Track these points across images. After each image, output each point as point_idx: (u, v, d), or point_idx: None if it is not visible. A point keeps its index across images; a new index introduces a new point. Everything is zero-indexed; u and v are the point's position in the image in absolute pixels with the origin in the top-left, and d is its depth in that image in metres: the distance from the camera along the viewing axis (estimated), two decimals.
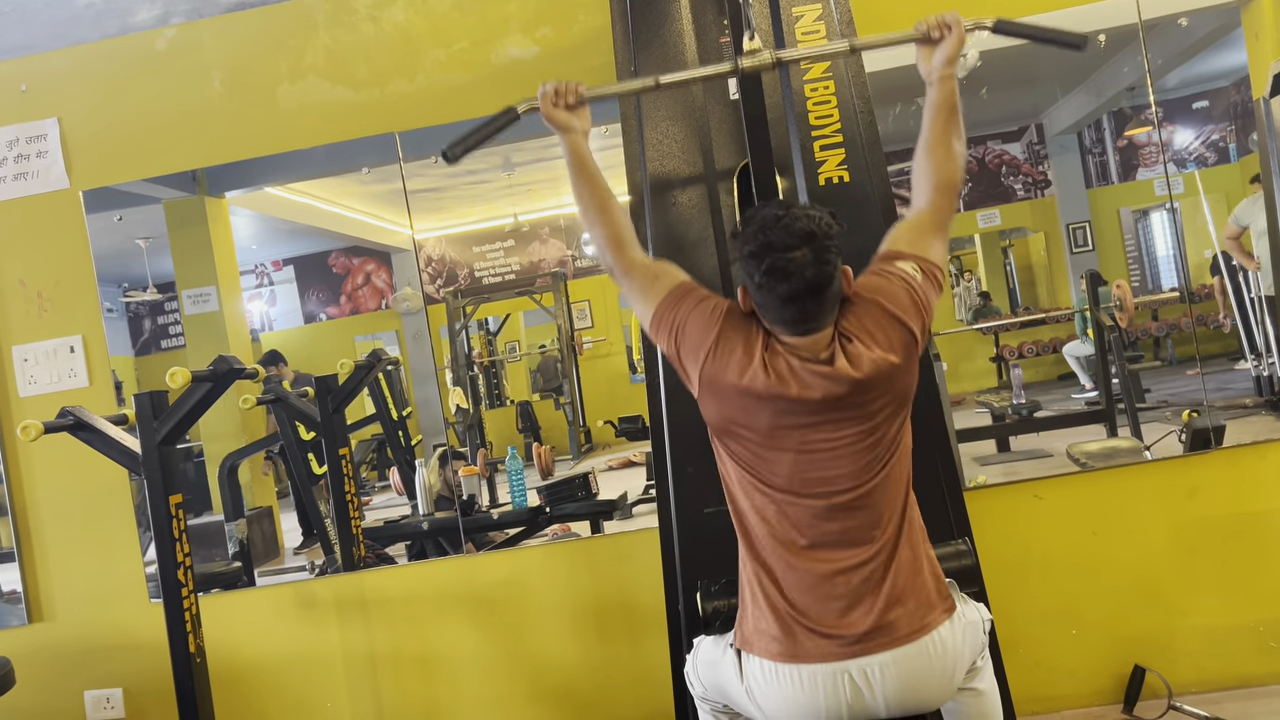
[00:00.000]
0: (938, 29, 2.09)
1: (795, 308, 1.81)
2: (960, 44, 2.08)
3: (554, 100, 2.12)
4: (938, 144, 2.06)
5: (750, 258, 1.82)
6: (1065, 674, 3.08)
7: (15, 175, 3.38)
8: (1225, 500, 3.06)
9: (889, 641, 1.82)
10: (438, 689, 3.30)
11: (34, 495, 3.40)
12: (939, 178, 2.04)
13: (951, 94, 2.08)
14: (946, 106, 2.08)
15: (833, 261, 1.81)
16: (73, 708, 3.39)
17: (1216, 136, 3.70)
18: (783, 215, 1.81)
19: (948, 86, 2.09)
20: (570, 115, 2.13)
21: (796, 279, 1.78)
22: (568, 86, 2.12)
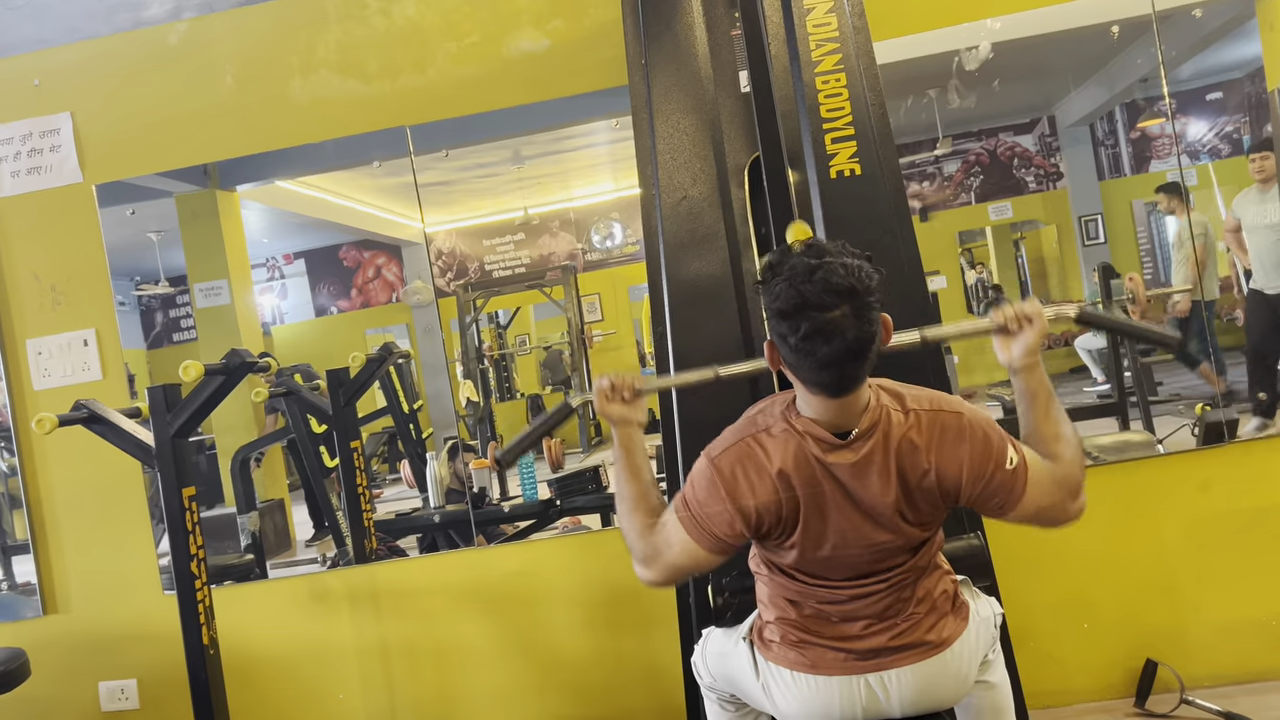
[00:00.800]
0: (1016, 322, 1.86)
1: (833, 372, 1.67)
2: (1041, 336, 1.85)
3: (609, 395, 1.97)
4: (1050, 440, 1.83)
5: (782, 317, 1.66)
6: (1077, 667, 3.08)
7: (29, 169, 3.40)
8: (1239, 494, 3.05)
9: (907, 658, 1.82)
10: (449, 680, 3.31)
11: (49, 488, 3.43)
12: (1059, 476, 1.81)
13: (1041, 383, 1.85)
14: (1044, 394, 1.85)
15: (875, 319, 1.66)
16: (87, 699, 3.42)
17: (1230, 128, 3.67)
18: (817, 267, 1.64)
19: (1035, 377, 1.86)
20: (626, 409, 1.98)
21: (838, 341, 1.63)
22: (624, 381, 1.98)
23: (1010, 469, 1.75)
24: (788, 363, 1.72)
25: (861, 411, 1.74)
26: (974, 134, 3.77)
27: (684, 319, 2.52)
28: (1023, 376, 1.86)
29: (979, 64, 3.14)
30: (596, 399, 1.98)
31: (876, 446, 1.73)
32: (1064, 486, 1.80)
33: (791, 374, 1.74)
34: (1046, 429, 1.84)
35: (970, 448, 1.74)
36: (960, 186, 3.80)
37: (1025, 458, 1.77)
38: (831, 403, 1.72)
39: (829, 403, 1.72)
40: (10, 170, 3.40)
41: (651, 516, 1.89)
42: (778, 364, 1.76)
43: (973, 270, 4.28)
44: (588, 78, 3.18)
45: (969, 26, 3.12)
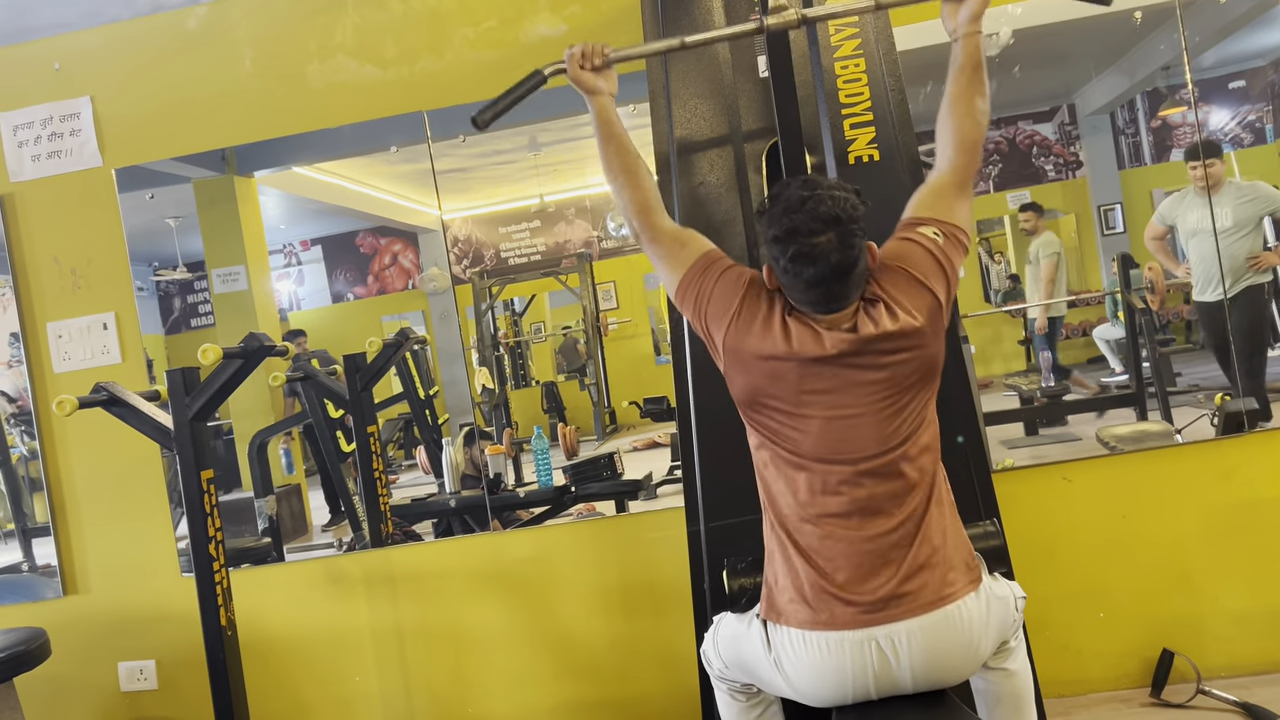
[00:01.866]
0: None
1: (820, 290, 1.83)
2: (986, 1, 2.05)
3: (580, 62, 2.13)
4: (959, 101, 2.03)
5: (775, 242, 1.84)
6: (1093, 656, 3.07)
7: (49, 153, 3.42)
8: (1259, 484, 3.03)
9: (913, 608, 1.84)
10: (464, 664, 3.33)
11: (69, 470, 3.45)
12: (959, 135, 2.02)
13: (975, 51, 2.04)
14: (970, 64, 2.04)
15: (858, 245, 1.82)
16: (106, 679, 3.45)
17: (1253, 117, 3.65)
18: (807, 197, 1.81)
19: (972, 43, 2.05)
20: (597, 77, 2.14)
21: (822, 264, 1.79)
22: (594, 48, 2.12)
23: (943, 240, 1.94)
24: (782, 283, 1.89)
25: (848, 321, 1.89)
26: (993, 122, 3.74)
27: None
28: (963, 43, 2.05)
29: (999, 50, 3.12)
30: (569, 65, 2.13)
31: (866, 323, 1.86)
32: (967, 171, 2.03)
33: (787, 294, 1.90)
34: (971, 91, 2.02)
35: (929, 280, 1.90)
36: (979, 174, 3.78)
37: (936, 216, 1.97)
38: (823, 319, 1.87)
39: (820, 319, 1.88)
40: (31, 154, 3.42)
41: (641, 193, 2.08)
42: (775, 284, 1.92)
43: (992, 260, 4.26)
44: None
45: (990, 12, 3.05)
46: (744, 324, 1.91)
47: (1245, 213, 3.44)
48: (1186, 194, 3.49)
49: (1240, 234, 3.44)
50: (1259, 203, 3.44)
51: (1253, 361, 3.39)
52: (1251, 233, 3.46)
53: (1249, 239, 3.46)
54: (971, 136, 2.02)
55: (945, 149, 2.04)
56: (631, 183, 2.08)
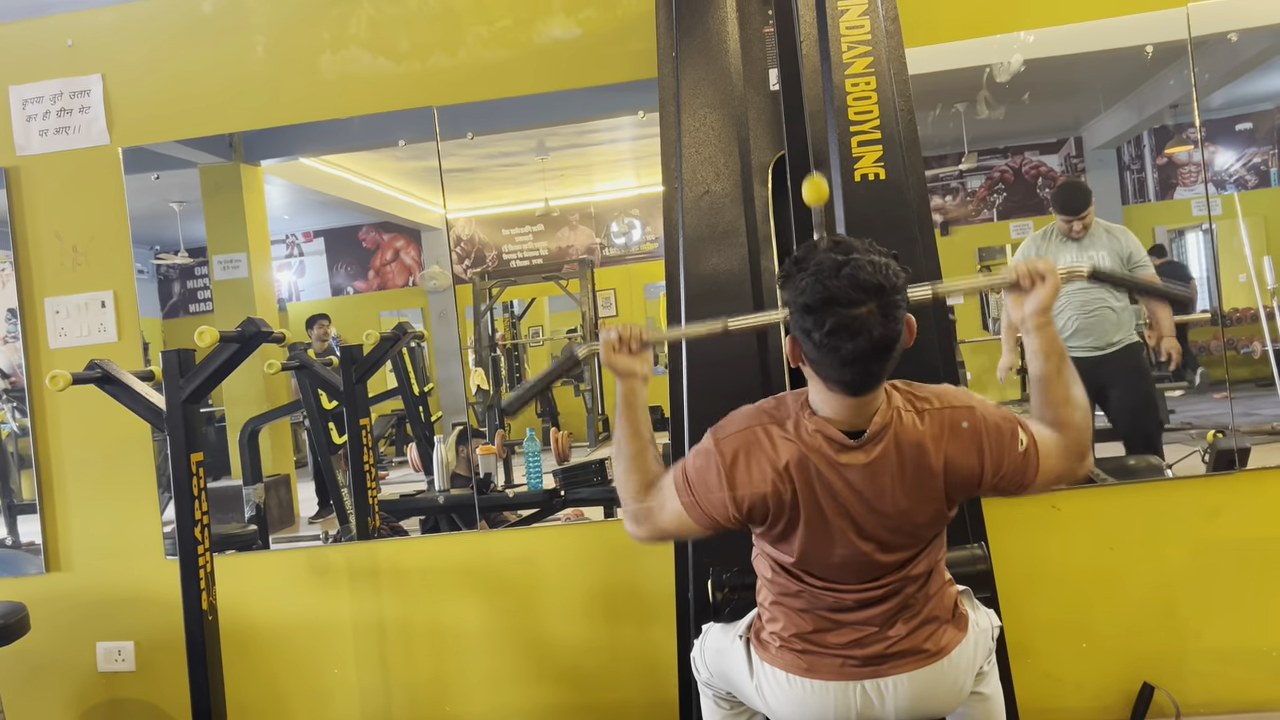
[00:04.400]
0: (1029, 278, 1.85)
1: (858, 369, 1.66)
2: (1054, 293, 1.83)
3: (616, 346, 1.96)
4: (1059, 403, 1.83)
5: (806, 312, 1.66)
6: (1073, 686, 3.06)
7: (57, 129, 3.42)
8: (1246, 523, 3.03)
9: (904, 665, 1.83)
10: (444, 661, 3.32)
11: (58, 447, 3.44)
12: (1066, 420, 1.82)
13: (1054, 342, 1.84)
14: (1055, 354, 1.84)
15: (900, 318, 1.66)
16: (84, 658, 3.43)
17: (1259, 159, 3.66)
18: (844, 262, 1.64)
19: (1047, 335, 1.84)
20: (632, 361, 1.96)
21: (864, 339, 1.62)
22: (631, 333, 1.96)
23: (1022, 451, 1.76)
24: (809, 359, 1.71)
25: (874, 413, 1.74)
26: (1000, 151, 3.77)
27: (700, 313, 2.51)
28: (1035, 336, 1.84)
29: (1010, 76, 3.13)
30: (603, 350, 1.96)
31: (889, 448, 1.73)
32: (1073, 452, 1.82)
33: (812, 370, 1.73)
34: (1058, 391, 1.83)
35: (984, 439, 1.75)
36: (983, 202, 3.79)
37: (1034, 437, 1.79)
38: (849, 401, 1.72)
39: (846, 401, 1.72)
40: (39, 129, 3.42)
41: (647, 475, 1.91)
42: (798, 360, 1.75)
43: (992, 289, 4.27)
44: (616, 69, 3.18)
45: (1002, 39, 3.11)
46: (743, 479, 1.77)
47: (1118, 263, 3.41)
48: (1051, 232, 3.48)
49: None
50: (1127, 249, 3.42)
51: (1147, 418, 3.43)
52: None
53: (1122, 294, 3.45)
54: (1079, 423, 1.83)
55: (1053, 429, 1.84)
56: (638, 467, 1.92)
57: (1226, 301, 3.53)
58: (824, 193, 2.10)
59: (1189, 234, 3.88)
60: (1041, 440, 1.79)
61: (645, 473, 1.91)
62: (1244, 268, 3.54)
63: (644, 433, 1.94)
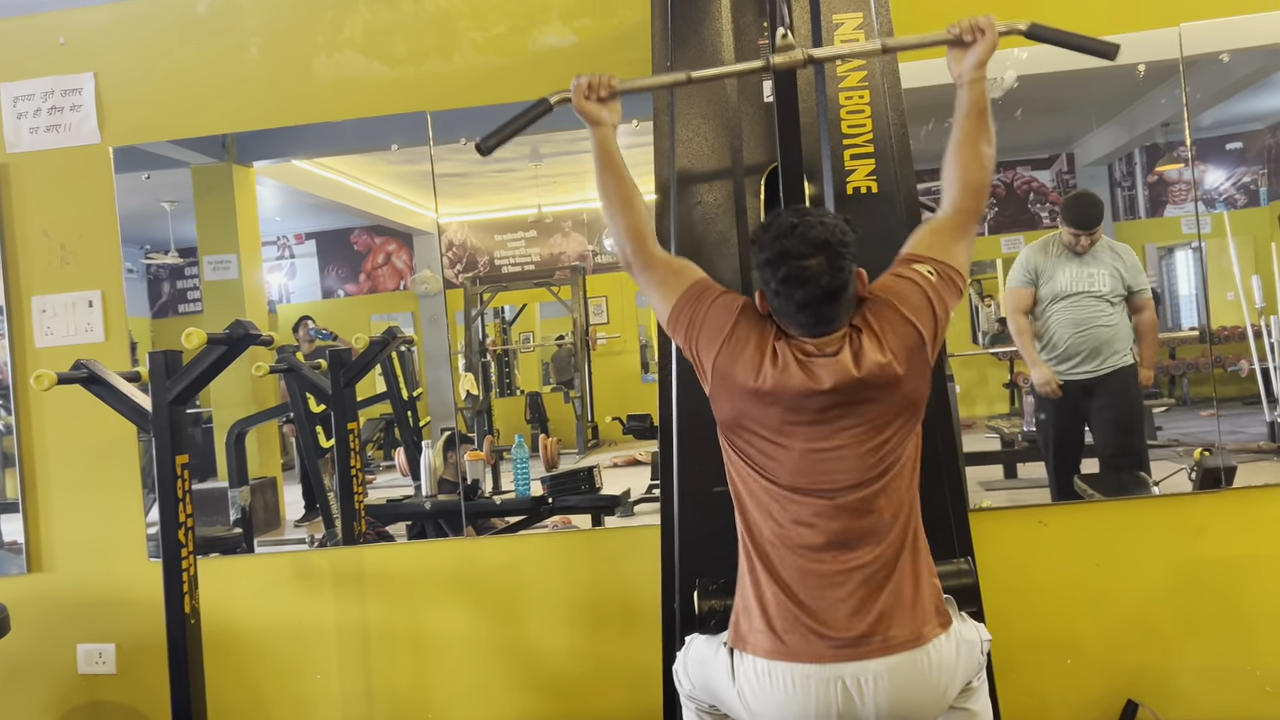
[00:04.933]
0: (970, 32, 2.07)
1: (810, 313, 1.87)
2: (992, 48, 2.07)
3: (586, 93, 2.13)
4: (965, 146, 2.05)
5: (766, 265, 1.88)
6: (1057, 702, 3.07)
7: (48, 126, 3.40)
8: (1231, 541, 3.04)
9: (882, 648, 1.83)
10: (427, 669, 3.30)
11: (42, 447, 3.42)
12: (964, 179, 2.04)
13: (981, 96, 2.07)
14: (976, 109, 2.06)
15: (846, 269, 1.86)
16: (65, 660, 3.41)
17: (1248, 179, 3.68)
18: (798, 223, 1.86)
19: (977, 89, 2.07)
20: (601, 108, 2.14)
21: (812, 286, 1.84)
22: (600, 80, 2.13)
23: (934, 280, 1.95)
24: (772, 308, 1.93)
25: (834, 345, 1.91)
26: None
27: None
28: (969, 89, 2.07)
29: (1003, 92, 3.14)
30: (574, 95, 2.14)
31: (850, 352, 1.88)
32: (971, 214, 2.05)
33: (777, 318, 1.93)
34: (977, 136, 2.04)
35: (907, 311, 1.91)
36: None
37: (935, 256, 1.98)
38: (812, 341, 1.90)
39: (807, 343, 1.90)
40: (29, 126, 3.41)
41: (638, 220, 2.10)
42: (766, 310, 1.95)
43: (982, 302, 4.28)
44: None
45: (996, 55, 3.08)
46: (735, 349, 1.92)
47: (1118, 284, 3.37)
48: (1053, 244, 3.44)
49: (1111, 305, 3.38)
50: (1131, 272, 3.37)
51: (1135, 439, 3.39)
52: (1120, 306, 3.40)
53: (1120, 311, 3.39)
54: (976, 180, 2.04)
55: (949, 191, 2.06)
56: (626, 209, 2.10)
57: (1214, 320, 3.54)
58: None
59: (1178, 252, 3.89)
60: (941, 240, 2.01)
61: (635, 216, 2.10)
62: (1232, 286, 3.56)
63: (626, 176, 2.13)
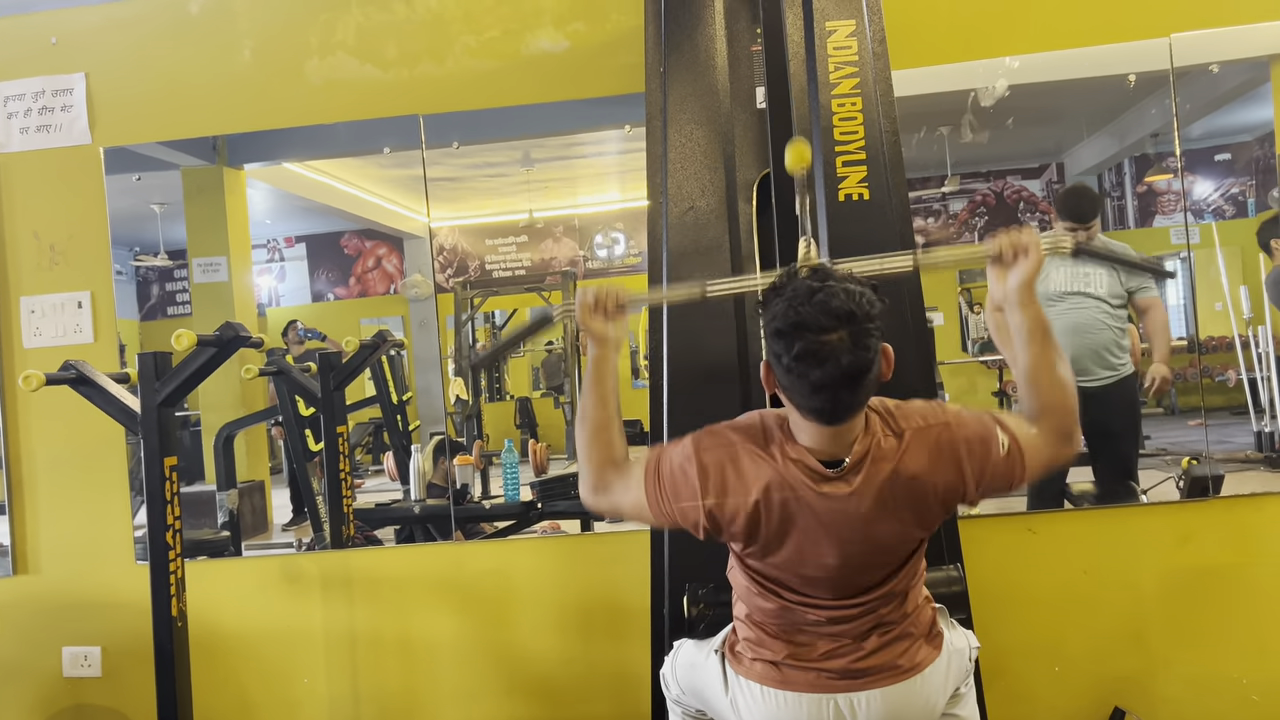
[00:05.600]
0: (1011, 250, 1.83)
1: (826, 396, 1.64)
2: (1037, 268, 1.81)
3: (592, 309, 1.92)
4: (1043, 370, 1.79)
5: (778, 336, 1.65)
6: (1045, 709, 3.07)
7: (38, 127, 3.39)
8: (1219, 549, 3.06)
9: (878, 680, 1.83)
10: (415, 673, 3.29)
11: (30, 448, 3.40)
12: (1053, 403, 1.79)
13: (1040, 317, 1.81)
14: (1040, 331, 1.80)
15: (873, 347, 1.64)
16: (50, 663, 3.38)
17: (1236, 190, 3.70)
18: (818, 289, 1.63)
19: (1032, 312, 1.81)
20: (607, 325, 1.93)
21: (831, 365, 1.61)
22: (608, 294, 1.92)
23: (1004, 455, 1.74)
24: (781, 385, 1.70)
25: (853, 440, 1.72)
26: (982, 174, 3.79)
27: (681, 329, 2.51)
28: (1020, 313, 1.81)
29: (994, 101, 3.16)
30: (579, 311, 1.92)
31: (870, 476, 1.71)
32: (1059, 437, 1.78)
33: (785, 398, 1.72)
34: (1043, 374, 1.79)
35: (963, 455, 1.74)
36: (964, 225, 3.82)
37: (1015, 436, 1.76)
38: (825, 430, 1.70)
39: (822, 430, 1.70)
40: (20, 126, 3.39)
41: (612, 450, 1.89)
42: (772, 386, 1.74)
43: (972, 311, 4.29)
44: (604, 82, 3.18)
45: (987, 64, 3.14)
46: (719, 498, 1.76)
47: (1116, 284, 3.25)
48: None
49: (1112, 307, 3.27)
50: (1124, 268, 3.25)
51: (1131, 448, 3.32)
52: (1121, 308, 3.29)
53: (1122, 315, 3.28)
54: (1065, 404, 1.79)
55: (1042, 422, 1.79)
56: (602, 439, 1.89)
57: (1202, 329, 3.56)
58: (806, 158, 2.02)
59: (1167, 262, 3.91)
60: (1023, 435, 1.76)
61: (610, 446, 1.89)
62: (1220, 296, 3.58)
63: (611, 403, 1.91)
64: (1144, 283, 3.27)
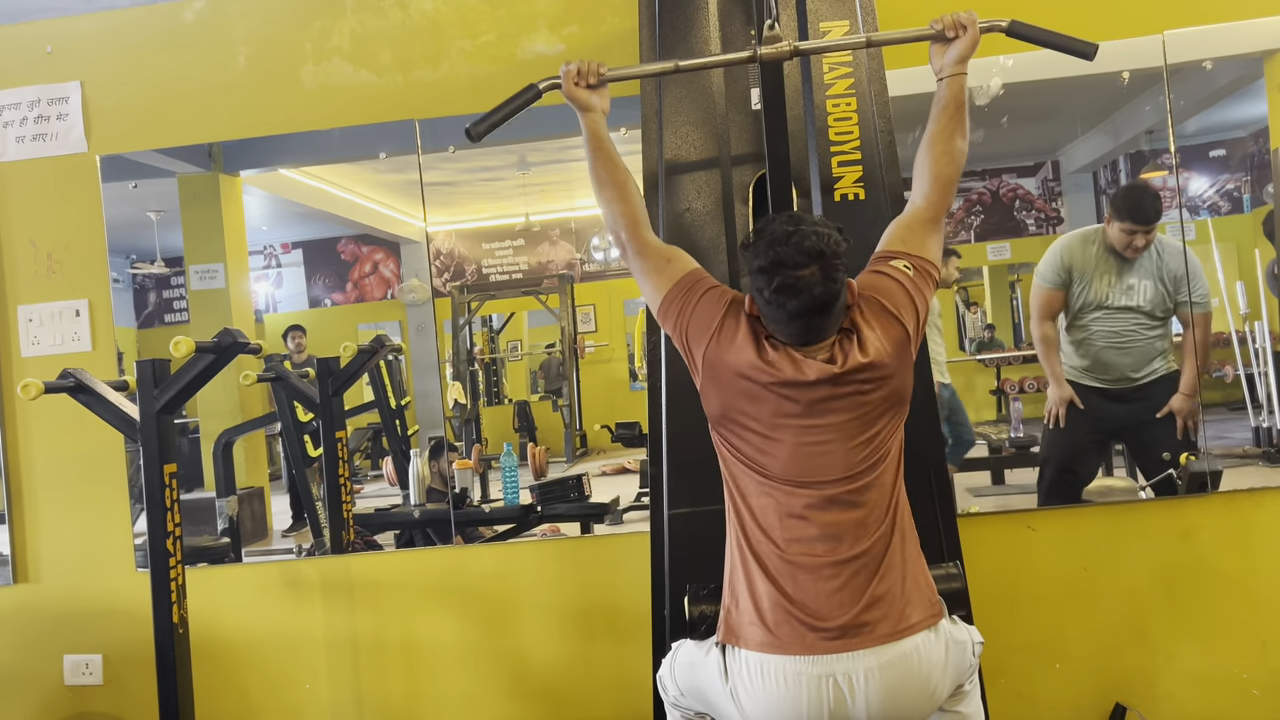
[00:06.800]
0: (953, 28, 2.13)
1: (802, 323, 1.87)
2: (974, 44, 2.12)
3: (575, 79, 2.18)
4: (939, 139, 2.11)
5: (759, 273, 1.88)
6: (1046, 707, 3.08)
7: (34, 135, 3.39)
8: (1218, 544, 3.06)
9: (870, 639, 1.85)
10: (417, 678, 3.29)
11: (29, 456, 3.40)
12: (935, 172, 2.09)
13: (960, 91, 2.13)
14: (954, 103, 2.12)
15: (840, 279, 1.87)
16: (51, 671, 3.38)
17: (1231, 186, 3.70)
18: (793, 232, 1.86)
19: (957, 84, 2.13)
20: (590, 94, 2.19)
21: (805, 296, 1.84)
22: (589, 66, 2.17)
23: (913, 272, 2.01)
24: (763, 314, 1.92)
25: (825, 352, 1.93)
26: (978, 173, 3.79)
27: None
28: (949, 84, 2.13)
29: (988, 100, 3.16)
30: (564, 81, 2.18)
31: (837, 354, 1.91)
32: (943, 200, 2.10)
33: (768, 325, 1.93)
34: (941, 141, 2.10)
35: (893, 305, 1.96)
36: (960, 224, 3.81)
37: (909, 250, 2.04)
38: (801, 352, 1.91)
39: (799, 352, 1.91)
40: (15, 135, 3.40)
41: (632, 206, 2.12)
42: (755, 313, 1.96)
43: (968, 310, 4.30)
44: None
45: (981, 63, 3.13)
46: (724, 341, 1.95)
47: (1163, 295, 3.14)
48: (1092, 240, 3.21)
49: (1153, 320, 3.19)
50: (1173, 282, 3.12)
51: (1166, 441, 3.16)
52: (1164, 320, 3.19)
53: (1167, 325, 3.18)
54: (947, 173, 2.10)
55: (920, 184, 2.12)
56: (620, 196, 2.13)
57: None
58: None
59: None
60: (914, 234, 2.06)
61: (630, 202, 2.12)
62: (1217, 292, 3.58)
63: (619, 161, 2.16)
64: (1186, 295, 3.14)
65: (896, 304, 1.96)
